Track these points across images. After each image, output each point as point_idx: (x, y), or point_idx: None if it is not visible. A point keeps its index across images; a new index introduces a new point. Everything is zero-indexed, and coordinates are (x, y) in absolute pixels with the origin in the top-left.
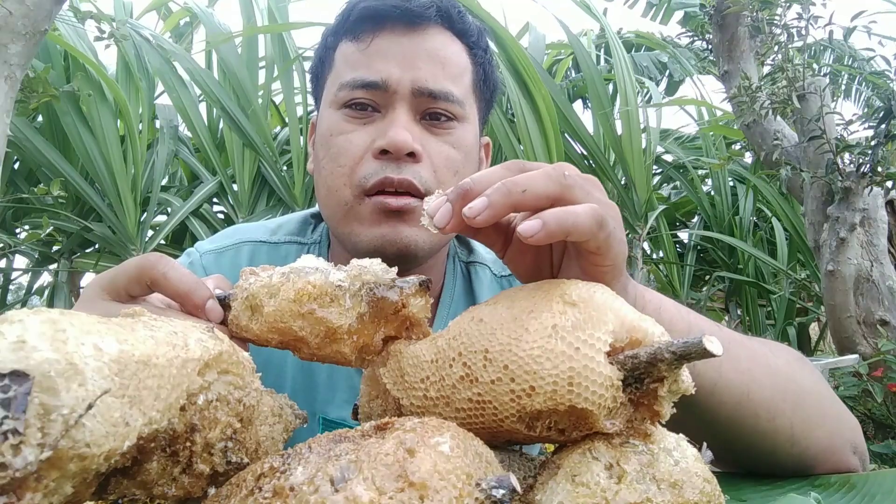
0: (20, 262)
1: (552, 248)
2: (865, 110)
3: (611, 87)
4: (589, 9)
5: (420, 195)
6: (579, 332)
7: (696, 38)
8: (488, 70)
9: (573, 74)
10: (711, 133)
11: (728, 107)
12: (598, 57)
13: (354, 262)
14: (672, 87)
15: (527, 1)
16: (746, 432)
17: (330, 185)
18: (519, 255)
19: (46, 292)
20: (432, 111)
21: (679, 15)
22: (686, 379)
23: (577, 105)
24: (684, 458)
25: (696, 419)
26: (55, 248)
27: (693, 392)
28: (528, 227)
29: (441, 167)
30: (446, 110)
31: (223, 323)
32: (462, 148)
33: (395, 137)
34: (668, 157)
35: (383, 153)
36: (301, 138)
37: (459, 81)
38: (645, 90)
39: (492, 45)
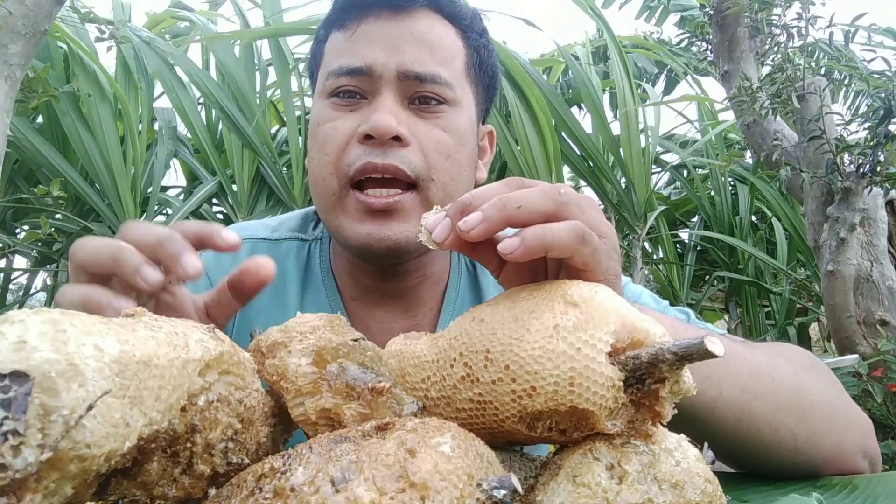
0: (20, 262)
1: (547, 268)
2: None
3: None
4: (589, 8)
5: (409, 180)
6: (581, 333)
7: (695, 39)
8: (483, 54)
9: (566, 78)
10: (712, 134)
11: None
12: (593, 55)
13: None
14: (671, 85)
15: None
16: (749, 445)
17: (317, 174)
18: (514, 275)
19: (45, 292)
20: (421, 95)
21: (675, 17)
22: (688, 380)
23: (574, 108)
24: (686, 458)
25: (696, 433)
26: (55, 247)
27: (694, 393)
28: (507, 243)
29: (431, 151)
30: (435, 93)
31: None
32: (454, 132)
33: (378, 121)
34: (668, 157)
35: (368, 138)
36: (300, 139)
37: (450, 65)
38: (642, 91)
39: None
